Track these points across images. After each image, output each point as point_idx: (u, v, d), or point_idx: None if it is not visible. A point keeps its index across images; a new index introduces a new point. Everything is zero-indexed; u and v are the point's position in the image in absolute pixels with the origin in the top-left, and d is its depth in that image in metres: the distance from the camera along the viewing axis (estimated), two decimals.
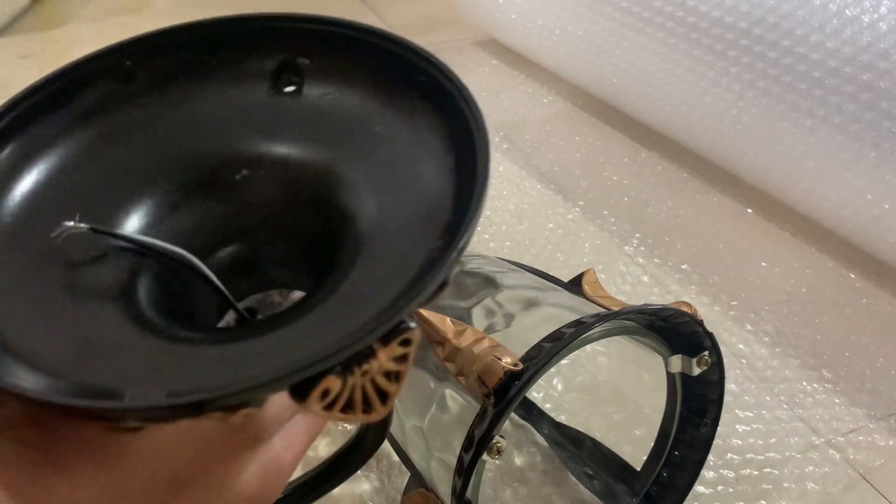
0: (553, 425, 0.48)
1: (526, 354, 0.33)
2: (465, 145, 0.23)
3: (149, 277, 0.24)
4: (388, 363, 0.19)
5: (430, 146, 0.24)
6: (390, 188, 0.24)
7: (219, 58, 0.26)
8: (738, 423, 0.50)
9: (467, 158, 0.22)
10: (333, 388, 0.18)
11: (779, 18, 0.61)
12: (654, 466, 0.42)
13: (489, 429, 0.32)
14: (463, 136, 0.23)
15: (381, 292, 0.20)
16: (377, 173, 0.25)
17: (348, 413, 0.19)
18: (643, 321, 0.37)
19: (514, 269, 0.44)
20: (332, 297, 0.22)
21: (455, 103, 0.23)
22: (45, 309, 0.22)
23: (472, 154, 0.22)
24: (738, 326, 0.58)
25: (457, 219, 0.21)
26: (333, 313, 0.21)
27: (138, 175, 0.25)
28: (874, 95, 0.56)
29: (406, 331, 0.19)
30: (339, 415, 0.19)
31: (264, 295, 0.27)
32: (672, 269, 0.64)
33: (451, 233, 0.20)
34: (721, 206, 0.71)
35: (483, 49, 0.98)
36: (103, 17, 1.06)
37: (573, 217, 0.70)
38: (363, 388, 0.19)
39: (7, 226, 0.23)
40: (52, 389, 0.19)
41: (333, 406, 0.18)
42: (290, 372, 0.17)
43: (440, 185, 0.23)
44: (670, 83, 0.71)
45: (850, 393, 0.53)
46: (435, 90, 0.24)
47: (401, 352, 0.19)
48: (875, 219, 0.59)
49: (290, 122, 0.26)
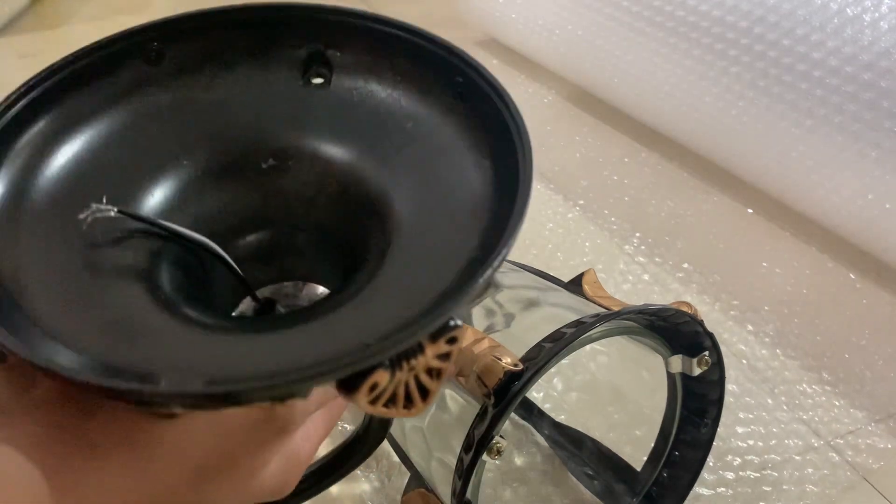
0: (553, 425, 0.47)
1: (526, 354, 0.33)
2: (503, 148, 0.22)
3: (170, 261, 0.23)
4: (433, 360, 0.19)
5: (464, 147, 0.24)
6: (422, 187, 0.24)
7: (248, 45, 0.26)
8: (738, 425, 0.50)
9: (507, 162, 0.22)
10: (382, 383, 0.18)
11: (779, 17, 0.61)
12: (655, 466, 0.42)
13: (489, 429, 0.32)
14: (501, 139, 0.23)
15: (423, 290, 0.20)
16: (408, 171, 0.24)
17: (390, 407, 0.19)
18: (643, 321, 0.37)
19: (513, 269, 0.44)
20: (366, 292, 0.22)
21: (494, 106, 0.23)
22: (74, 288, 0.21)
23: (514, 157, 0.22)
24: (739, 327, 0.58)
25: (499, 222, 0.21)
26: (372, 307, 0.21)
27: (164, 158, 0.25)
28: (875, 95, 0.55)
29: (454, 329, 0.19)
30: (381, 409, 0.19)
31: (279, 286, 0.27)
32: (672, 268, 0.64)
33: (494, 235, 0.20)
34: (721, 206, 0.71)
35: (483, 49, 0.98)
36: (103, 16, 1.06)
37: (573, 217, 0.69)
38: (406, 384, 0.19)
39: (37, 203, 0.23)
40: (89, 369, 0.19)
41: (378, 400, 0.19)
42: (347, 363, 0.18)
43: (477, 188, 0.23)
44: (670, 83, 0.71)
45: (850, 394, 0.53)
46: (471, 91, 0.24)
47: (446, 349, 0.19)
48: (876, 218, 0.59)
49: (318, 114, 0.26)
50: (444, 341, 0.19)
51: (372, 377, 0.18)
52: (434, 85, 0.25)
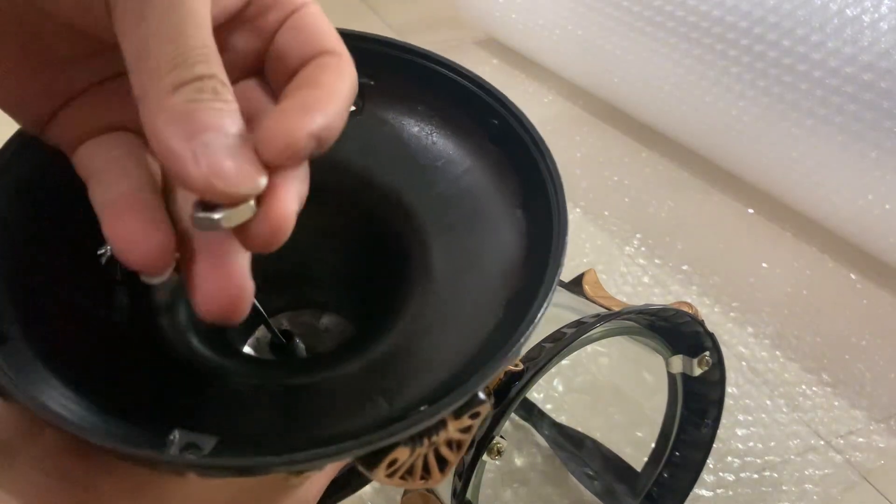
0: (553, 426, 0.47)
1: (526, 355, 0.33)
2: (537, 203, 0.21)
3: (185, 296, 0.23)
4: (455, 433, 0.19)
5: (496, 193, 0.23)
6: (452, 232, 0.23)
7: None
8: (737, 427, 0.50)
9: (540, 218, 0.21)
10: (401, 458, 0.18)
11: (779, 18, 0.61)
12: (655, 467, 0.42)
13: (489, 429, 0.32)
14: (535, 192, 0.22)
15: (449, 356, 0.20)
16: (438, 213, 0.24)
17: (407, 479, 0.18)
18: (644, 321, 0.37)
19: None
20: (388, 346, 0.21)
21: (529, 154, 0.22)
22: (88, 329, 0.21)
23: (547, 215, 0.21)
24: (739, 328, 0.58)
25: (529, 287, 0.20)
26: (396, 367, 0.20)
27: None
28: (875, 95, 0.55)
29: (478, 404, 0.18)
30: (398, 481, 0.18)
31: (297, 313, 0.26)
32: (673, 269, 0.64)
33: (524, 302, 0.19)
34: (722, 207, 0.71)
35: (483, 48, 0.98)
36: None
37: (574, 217, 0.69)
38: (426, 457, 0.18)
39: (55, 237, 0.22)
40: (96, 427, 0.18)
41: (395, 473, 0.18)
42: (367, 442, 0.17)
43: (509, 243, 0.22)
44: (671, 83, 0.71)
45: (850, 395, 0.53)
46: (507, 136, 0.23)
47: (468, 423, 0.19)
48: (876, 219, 0.59)
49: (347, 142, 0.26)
50: (468, 417, 0.19)
51: (392, 454, 0.18)
52: (468, 124, 0.24)
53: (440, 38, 1.00)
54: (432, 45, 0.25)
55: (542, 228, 0.21)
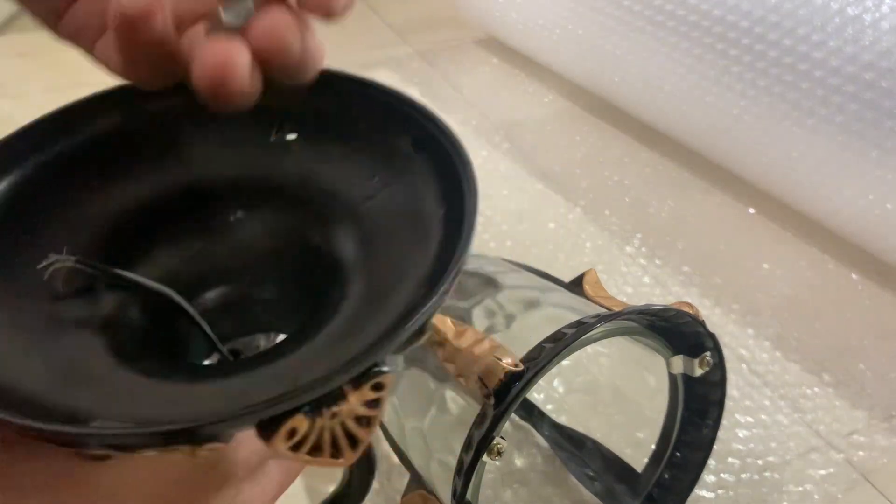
0: (554, 426, 0.47)
1: (527, 355, 0.33)
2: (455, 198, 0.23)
3: (136, 313, 0.24)
4: (360, 407, 0.18)
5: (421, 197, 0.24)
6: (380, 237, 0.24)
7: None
8: (738, 428, 0.50)
9: (456, 211, 0.22)
10: (301, 429, 0.18)
11: (780, 17, 0.61)
12: (656, 468, 0.42)
13: (489, 430, 0.32)
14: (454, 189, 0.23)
15: (360, 337, 0.20)
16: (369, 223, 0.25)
17: (316, 456, 0.18)
18: (645, 322, 0.37)
19: (514, 269, 0.44)
20: (313, 339, 0.22)
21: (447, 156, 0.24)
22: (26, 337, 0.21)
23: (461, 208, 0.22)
24: (740, 330, 0.58)
25: (440, 268, 0.21)
26: (312, 354, 0.21)
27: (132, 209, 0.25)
28: (876, 94, 0.55)
29: (378, 375, 0.18)
30: (305, 457, 0.18)
31: (251, 338, 0.27)
32: (674, 270, 0.63)
33: (433, 282, 0.20)
34: (723, 207, 0.71)
35: (483, 48, 0.97)
36: None
37: (574, 217, 0.69)
38: (332, 432, 0.18)
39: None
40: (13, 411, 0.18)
41: (300, 447, 0.18)
42: (255, 409, 0.17)
43: (429, 236, 0.23)
44: (671, 82, 0.70)
45: (851, 396, 0.52)
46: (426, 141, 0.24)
47: (373, 396, 0.18)
48: (877, 219, 0.59)
49: (286, 169, 0.26)
50: (369, 388, 0.18)
51: (288, 423, 0.18)
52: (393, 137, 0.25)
53: (440, 38, 0.99)
54: (432, 44, 0.25)
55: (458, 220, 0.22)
